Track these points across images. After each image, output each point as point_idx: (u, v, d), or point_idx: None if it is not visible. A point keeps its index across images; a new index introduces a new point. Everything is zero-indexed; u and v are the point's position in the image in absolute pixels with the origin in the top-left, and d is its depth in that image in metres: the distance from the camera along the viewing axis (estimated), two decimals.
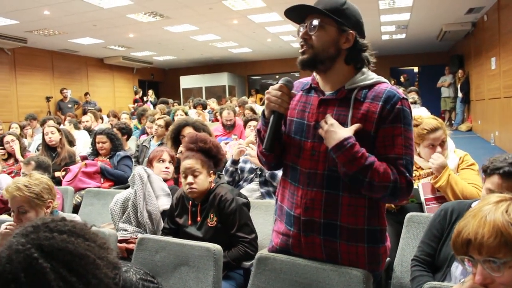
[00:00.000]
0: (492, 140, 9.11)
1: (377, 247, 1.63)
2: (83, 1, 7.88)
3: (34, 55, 12.42)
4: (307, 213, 1.61)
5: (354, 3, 1.63)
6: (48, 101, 12.60)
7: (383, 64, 17.18)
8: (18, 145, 5.01)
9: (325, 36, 1.55)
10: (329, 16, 1.54)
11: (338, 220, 1.58)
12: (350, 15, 1.58)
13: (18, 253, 0.85)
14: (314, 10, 1.55)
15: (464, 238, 1.16)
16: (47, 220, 0.95)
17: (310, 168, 1.61)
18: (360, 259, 1.61)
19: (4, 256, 0.85)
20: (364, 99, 1.56)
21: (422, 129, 2.63)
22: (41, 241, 0.88)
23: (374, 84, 1.59)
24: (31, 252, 0.85)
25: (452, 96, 12.92)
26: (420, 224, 2.28)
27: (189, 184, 2.44)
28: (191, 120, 4.06)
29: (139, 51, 14.26)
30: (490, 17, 9.52)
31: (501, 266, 1.11)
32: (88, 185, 4.00)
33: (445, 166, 2.48)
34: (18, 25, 9.48)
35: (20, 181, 2.27)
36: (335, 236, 1.60)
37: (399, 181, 1.49)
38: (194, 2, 8.42)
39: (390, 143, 1.52)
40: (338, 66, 1.60)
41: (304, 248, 1.67)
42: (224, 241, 2.33)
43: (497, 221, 1.12)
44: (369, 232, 1.60)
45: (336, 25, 1.55)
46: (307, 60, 1.58)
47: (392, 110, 1.52)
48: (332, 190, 1.58)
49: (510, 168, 1.72)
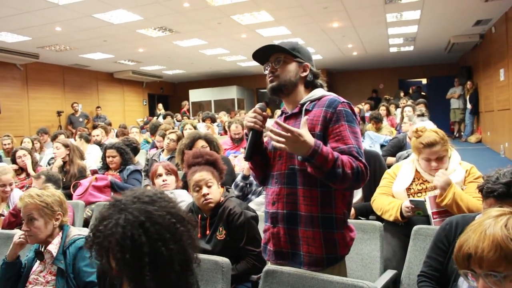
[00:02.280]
0: (502, 151, 9.05)
1: (332, 232, 1.85)
2: (94, 17, 8.02)
3: (45, 70, 12.61)
4: (274, 207, 1.93)
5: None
6: (59, 116, 12.76)
7: (391, 76, 17.23)
8: (30, 160, 5.09)
9: (288, 68, 1.95)
10: (290, 53, 1.94)
11: (298, 210, 1.86)
12: (303, 51, 1.99)
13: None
14: (279, 49, 1.94)
15: (465, 252, 1.18)
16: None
17: (277, 170, 1.94)
18: (316, 242, 1.83)
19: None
20: (312, 108, 1.91)
21: (419, 142, 2.68)
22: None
23: (321, 97, 1.94)
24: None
25: (462, 107, 12.85)
26: (427, 237, 2.29)
27: (204, 195, 2.48)
28: (202, 133, 4.12)
29: (149, 65, 14.41)
30: (498, 29, 9.53)
31: (501, 280, 1.12)
32: (98, 199, 4.05)
33: (450, 183, 2.49)
34: (31, 41, 9.66)
35: (33, 190, 2.36)
36: (296, 224, 1.87)
37: (359, 166, 1.74)
38: (203, 17, 8.53)
39: (340, 137, 1.80)
40: (298, 89, 1.98)
41: (272, 240, 1.94)
42: (233, 254, 2.36)
43: (496, 235, 1.14)
44: (324, 218, 1.84)
45: (294, 60, 1.95)
46: (275, 87, 1.96)
47: (334, 112, 1.84)
48: (291, 185, 1.88)
49: (503, 189, 1.72)
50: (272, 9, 8.18)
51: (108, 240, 1.28)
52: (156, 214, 1.34)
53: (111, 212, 1.34)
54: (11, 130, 9.71)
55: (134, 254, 1.27)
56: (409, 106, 7.48)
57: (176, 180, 3.40)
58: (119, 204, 1.36)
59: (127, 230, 1.28)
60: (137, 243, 1.28)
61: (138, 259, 1.28)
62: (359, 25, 9.48)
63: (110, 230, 1.29)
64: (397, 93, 14.65)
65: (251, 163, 2.04)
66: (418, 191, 2.70)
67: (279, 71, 1.95)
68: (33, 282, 2.24)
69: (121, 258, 1.27)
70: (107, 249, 1.30)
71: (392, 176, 2.88)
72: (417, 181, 2.74)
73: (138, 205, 1.35)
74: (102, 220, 1.34)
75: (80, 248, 2.22)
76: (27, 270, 2.30)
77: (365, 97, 14.31)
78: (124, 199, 1.38)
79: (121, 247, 1.27)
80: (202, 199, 2.49)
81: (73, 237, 2.30)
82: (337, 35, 10.61)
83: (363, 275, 2.46)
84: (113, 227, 1.29)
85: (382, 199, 2.79)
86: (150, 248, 1.29)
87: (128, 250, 1.27)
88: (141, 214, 1.32)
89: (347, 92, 16.31)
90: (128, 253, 1.27)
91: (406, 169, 2.82)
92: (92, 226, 1.38)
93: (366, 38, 11.16)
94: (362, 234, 2.52)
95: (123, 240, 1.27)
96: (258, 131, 1.94)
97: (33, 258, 2.33)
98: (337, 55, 13.62)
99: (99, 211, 1.40)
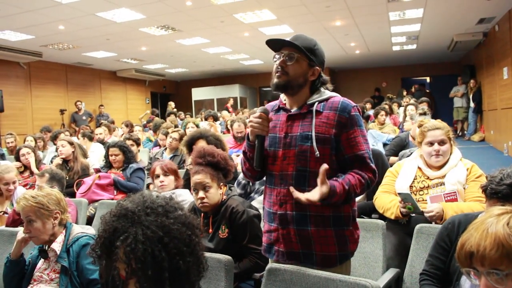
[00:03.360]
0: (506, 150, 9.03)
1: (343, 229, 1.89)
2: (96, 15, 8.04)
3: (48, 69, 12.64)
4: (282, 208, 1.91)
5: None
6: (62, 114, 12.80)
7: (394, 74, 17.19)
8: (33, 158, 5.11)
9: (299, 68, 1.90)
10: (304, 53, 1.88)
11: (308, 211, 1.86)
12: (319, 54, 1.94)
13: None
14: (294, 46, 1.89)
15: (467, 250, 1.19)
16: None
17: (282, 171, 1.91)
18: (329, 240, 1.86)
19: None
20: (323, 109, 1.89)
21: (424, 127, 2.79)
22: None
23: (328, 98, 1.93)
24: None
25: (465, 106, 12.82)
26: (429, 235, 2.29)
27: (200, 199, 2.49)
28: (205, 133, 4.08)
29: (152, 63, 14.44)
30: (502, 27, 9.49)
31: (504, 278, 1.12)
32: (101, 197, 4.06)
33: (441, 210, 2.50)
34: (34, 39, 9.70)
35: (28, 193, 2.37)
36: (306, 224, 1.87)
37: (367, 177, 1.83)
38: (206, 16, 8.54)
39: (354, 143, 1.85)
40: (303, 91, 1.95)
41: (282, 241, 1.92)
42: (235, 252, 2.36)
43: (498, 234, 1.14)
44: (335, 218, 1.87)
45: (307, 60, 1.90)
46: (281, 84, 1.91)
47: (348, 117, 1.85)
48: (300, 186, 1.85)
49: (508, 190, 1.72)
50: (275, 7, 8.18)
51: (129, 257, 1.28)
52: (174, 229, 1.34)
53: (123, 223, 1.32)
54: (14, 128, 9.75)
55: (156, 270, 1.28)
56: (411, 104, 7.47)
57: (175, 179, 3.39)
58: (132, 215, 1.34)
59: (147, 246, 1.28)
60: (158, 259, 1.28)
61: (160, 275, 1.29)
62: (362, 24, 9.45)
63: (129, 246, 1.27)
64: (400, 91, 14.64)
65: (249, 163, 2.02)
66: (420, 189, 2.70)
67: (289, 68, 1.89)
68: (37, 280, 2.26)
69: (143, 275, 1.27)
70: (129, 265, 1.29)
71: (394, 174, 2.89)
72: (419, 178, 2.75)
73: (153, 217, 1.34)
74: (115, 232, 1.32)
75: (84, 246, 2.23)
76: (31, 268, 2.32)
77: (367, 96, 14.27)
78: (135, 208, 1.36)
79: (142, 264, 1.27)
80: (198, 201, 2.52)
81: (76, 235, 2.31)
82: (340, 33, 10.59)
83: (366, 274, 2.47)
84: (132, 243, 1.28)
85: (384, 197, 2.80)
86: (169, 263, 1.30)
87: (150, 266, 1.27)
88: (159, 229, 1.32)
89: (349, 91, 16.30)
90: (150, 270, 1.27)
91: (408, 166, 2.84)
92: (103, 237, 1.35)
93: (368, 37, 11.14)
94: (364, 233, 2.52)
95: (144, 257, 1.27)
96: (264, 137, 1.93)
97: (37, 255, 2.34)
98: (339, 53, 13.60)
99: (105, 219, 1.38)
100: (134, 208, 1.36)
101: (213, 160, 2.63)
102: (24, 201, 2.28)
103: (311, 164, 1.83)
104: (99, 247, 1.35)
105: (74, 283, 2.16)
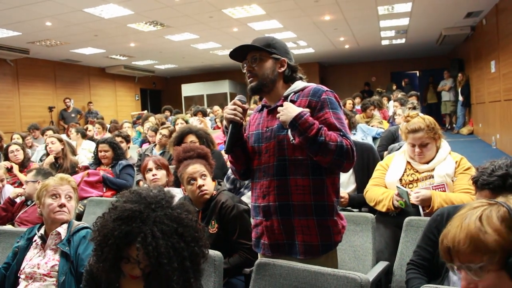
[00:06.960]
0: (494, 143, 9.11)
1: (326, 219, 1.90)
2: (84, 11, 7.95)
3: (36, 66, 12.50)
4: (265, 200, 1.94)
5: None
6: (50, 111, 12.67)
7: (384, 68, 17.25)
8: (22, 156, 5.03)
9: (265, 66, 1.96)
10: (265, 50, 1.95)
11: (290, 200, 1.89)
12: (279, 46, 2.01)
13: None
14: (253, 48, 1.96)
15: (445, 245, 1.19)
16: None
17: (265, 163, 1.95)
18: (311, 230, 1.88)
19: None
20: (297, 99, 1.94)
21: (405, 127, 2.76)
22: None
23: (304, 88, 1.98)
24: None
25: (453, 100, 12.92)
26: (419, 228, 2.30)
27: (200, 187, 2.48)
28: (194, 128, 4.08)
29: (141, 60, 14.34)
30: (489, 21, 9.56)
31: (477, 271, 1.12)
32: (90, 194, 4.04)
33: (430, 197, 2.50)
34: (21, 36, 9.56)
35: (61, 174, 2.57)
36: (290, 214, 1.89)
37: (344, 142, 1.79)
38: (194, 11, 8.48)
39: (325, 124, 1.83)
40: (278, 85, 2.00)
41: (266, 234, 1.96)
42: (225, 247, 2.36)
43: (470, 228, 1.14)
44: (317, 206, 1.88)
45: (270, 56, 1.97)
46: (255, 86, 1.98)
47: (319, 101, 1.89)
48: (281, 176, 1.90)
49: (499, 181, 1.73)
50: (264, 2, 8.15)
51: (153, 255, 1.30)
52: (183, 218, 1.39)
53: (134, 225, 1.34)
54: (2, 126, 9.66)
55: (179, 261, 1.33)
56: (396, 101, 7.50)
57: (167, 175, 3.38)
58: (139, 215, 1.36)
59: (167, 240, 1.32)
60: (179, 250, 1.33)
61: (183, 264, 1.34)
62: (351, 18, 9.46)
63: (150, 245, 1.30)
64: (389, 85, 14.70)
65: (231, 156, 2.06)
66: (410, 182, 2.71)
67: (256, 70, 1.97)
68: (31, 277, 2.19)
69: (171, 268, 1.31)
70: (155, 263, 1.31)
71: (385, 167, 2.90)
72: (409, 171, 2.76)
73: (161, 212, 1.38)
74: (128, 235, 1.33)
75: (83, 238, 2.25)
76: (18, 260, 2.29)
77: (357, 90, 14.32)
78: (139, 207, 1.37)
79: (168, 259, 1.31)
80: (197, 191, 2.49)
81: (78, 225, 2.33)
82: (329, 28, 10.59)
83: (356, 267, 2.48)
84: (153, 241, 1.30)
85: (375, 190, 2.81)
86: (188, 251, 1.36)
87: (175, 258, 1.32)
88: (171, 221, 1.36)
89: (339, 86, 16.35)
90: (175, 262, 1.32)
91: (398, 160, 2.85)
92: (113, 243, 1.34)
93: (358, 31, 11.15)
94: (354, 226, 2.53)
95: (167, 252, 1.31)
96: (238, 123, 1.95)
97: (25, 246, 2.32)
98: (329, 48, 13.62)
99: (106, 225, 1.38)
100: (138, 207, 1.38)
101: (202, 152, 2.65)
102: (66, 180, 2.43)
103: (289, 152, 1.88)
104: (107, 251, 1.35)
105: (72, 272, 2.14)
